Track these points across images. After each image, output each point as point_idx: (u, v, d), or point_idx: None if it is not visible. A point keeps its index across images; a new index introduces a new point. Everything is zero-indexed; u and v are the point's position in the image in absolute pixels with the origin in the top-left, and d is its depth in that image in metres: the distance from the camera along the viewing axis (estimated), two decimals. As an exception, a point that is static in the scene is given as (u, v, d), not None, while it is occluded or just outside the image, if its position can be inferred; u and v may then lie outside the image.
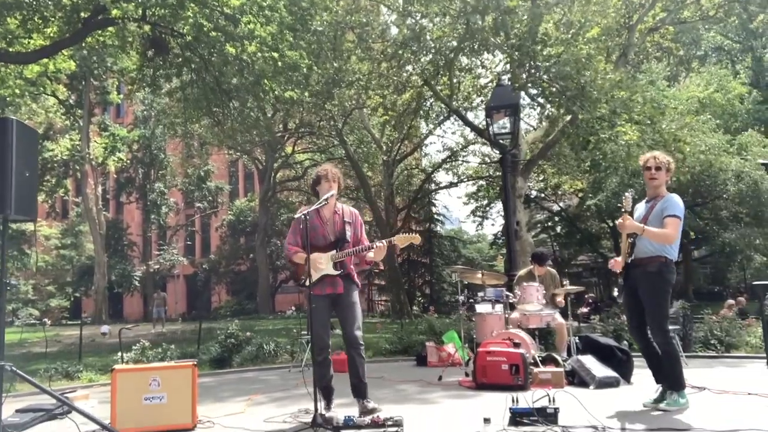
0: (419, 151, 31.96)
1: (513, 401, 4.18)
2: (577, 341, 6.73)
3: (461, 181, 30.45)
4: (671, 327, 8.14)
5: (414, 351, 9.34)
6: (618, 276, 4.91)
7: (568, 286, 7.12)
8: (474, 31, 12.25)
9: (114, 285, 36.54)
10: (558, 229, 35.39)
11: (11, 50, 13.40)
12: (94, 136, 33.14)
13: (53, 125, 31.87)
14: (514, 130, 9.32)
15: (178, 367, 4.75)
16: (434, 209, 37.93)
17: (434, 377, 6.78)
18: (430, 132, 26.96)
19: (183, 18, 12.77)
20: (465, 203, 33.80)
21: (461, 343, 7.71)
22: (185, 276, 44.05)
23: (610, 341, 6.60)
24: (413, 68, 15.25)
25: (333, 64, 14.63)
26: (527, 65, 13.21)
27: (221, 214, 42.59)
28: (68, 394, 5.62)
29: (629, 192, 4.62)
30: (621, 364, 6.09)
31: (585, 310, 20.59)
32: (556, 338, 6.97)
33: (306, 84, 14.26)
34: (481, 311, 7.08)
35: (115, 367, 4.72)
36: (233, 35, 12.21)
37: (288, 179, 34.88)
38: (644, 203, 4.87)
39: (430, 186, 32.48)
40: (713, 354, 8.77)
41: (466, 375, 6.47)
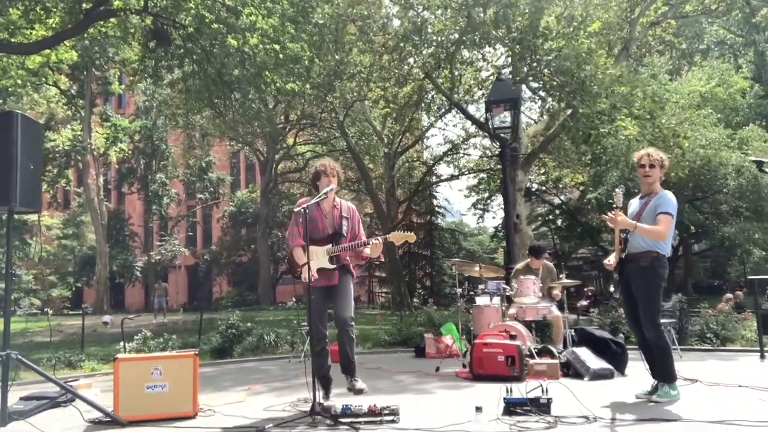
0: (420, 144, 32.00)
1: (507, 392, 4.27)
2: (573, 334, 6.82)
3: (462, 174, 30.50)
4: (668, 321, 8.27)
5: (413, 342, 9.43)
6: (613, 271, 4.98)
7: (565, 280, 7.20)
8: (475, 24, 12.27)
9: (115, 275, 36.70)
10: (559, 223, 35.40)
11: (13, 41, 13.43)
12: (96, 127, 33.19)
13: (55, 115, 31.91)
14: (514, 125, 9.36)
15: (180, 357, 4.83)
16: (435, 202, 37.98)
17: (432, 368, 6.87)
18: (432, 125, 27.00)
19: (185, 9, 12.81)
20: (466, 196, 33.85)
21: (459, 335, 7.80)
22: (187, 267, 44.20)
23: (605, 334, 6.68)
24: (414, 61, 15.28)
25: (335, 57, 14.66)
26: (528, 59, 13.24)
27: (222, 206, 42.68)
28: (71, 383, 5.72)
29: (620, 189, 4.69)
30: (615, 357, 6.18)
31: (585, 303, 20.70)
32: (553, 330, 7.06)
33: (307, 76, 14.30)
34: (479, 304, 7.16)
35: (118, 357, 4.80)
36: (235, 27, 12.24)
37: (289, 171, 34.95)
38: (638, 199, 4.95)
39: (431, 178, 32.53)
40: (708, 347, 8.85)
41: (464, 366, 6.56)
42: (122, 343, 8.51)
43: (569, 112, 14.20)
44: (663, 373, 4.70)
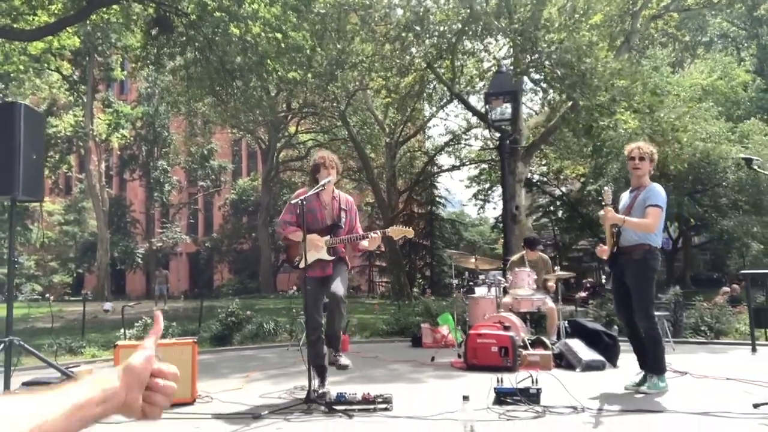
0: (422, 134, 32.00)
1: (498, 381, 4.36)
2: (566, 325, 6.91)
3: (463, 165, 30.53)
4: (663, 313, 8.36)
5: (410, 332, 9.51)
6: (606, 264, 5.07)
7: (559, 272, 7.28)
8: (477, 15, 12.27)
9: (117, 262, 36.86)
10: (559, 214, 35.46)
11: (15, 27, 13.44)
12: (98, 113, 33.21)
13: (57, 101, 31.93)
14: (513, 117, 9.41)
15: (179, 344, 4.93)
16: (436, 192, 38.02)
17: (427, 358, 6.97)
18: (433, 115, 27.00)
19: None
20: (467, 186, 33.92)
21: (454, 326, 7.90)
22: (188, 254, 44.34)
23: (598, 326, 6.77)
24: (416, 51, 15.29)
25: (336, 46, 14.66)
26: (529, 50, 13.24)
27: (224, 193, 42.76)
28: (72, 369, 5.82)
29: (608, 186, 4.78)
30: (608, 349, 6.27)
31: (583, 295, 20.81)
32: (547, 322, 7.16)
33: (309, 65, 14.32)
34: (475, 295, 7.25)
35: (118, 343, 4.90)
36: (237, 15, 12.25)
37: (291, 159, 34.97)
38: (628, 193, 5.03)
39: (433, 169, 32.56)
40: (702, 340, 8.95)
41: (459, 356, 6.65)
42: (123, 330, 8.61)
43: (570, 105, 14.22)
44: (653, 365, 4.79)
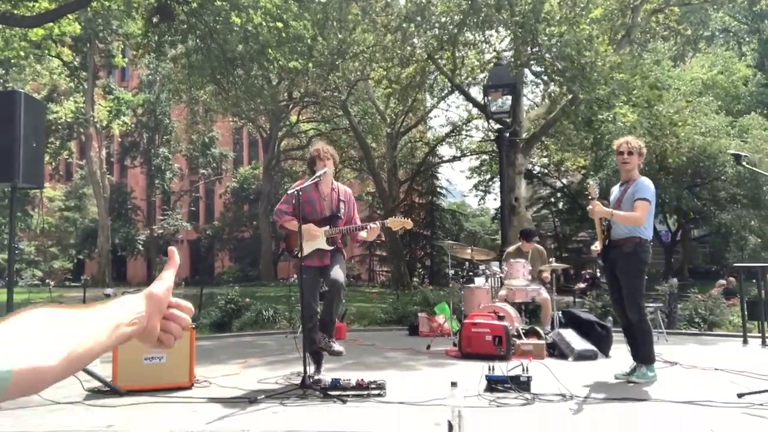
0: (424, 124, 32.00)
1: (489, 369, 4.46)
2: (561, 316, 7.00)
3: (464, 156, 30.56)
4: (657, 305, 8.45)
5: (408, 321, 9.63)
6: (597, 257, 5.15)
7: (554, 263, 7.37)
8: (478, 7, 12.28)
9: (117, 248, 36.95)
10: (560, 206, 35.52)
11: (16, 13, 13.45)
12: (99, 99, 33.18)
13: (57, 87, 31.90)
14: (512, 109, 9.46)
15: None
16: (437, 182, 38.07)
17: (423, 346, 7.07)
18: (434, 106, 26.99)
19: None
20: (468, 177, 33.97)
21: (450, 315, 7.99)
22: (189, 241, 44.44)
23: (591, 317, 6.87)
24: (417, 42, 15.28)
25: (338, 36, 14.66)
26: (530, 43, 13.25)
27: (225, 181, 42.79)
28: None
29: (594, 180, 4.86)
30: (600, 339, 6.36)
31: (582, 286, 20.91)
32: (542, 312, 7.25)
33: (310, 55, 14.33)
34: (470, 285, 7.34)
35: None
36: (238, 4, 12.26)
37: (292, 148, 34.98)
38: (618, 186, 5.10)
39: (434, 159, 32.59)
40: (696, 332, 9.05)
41: (454, 345, 6.75)
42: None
43: (570, 97, 14.25)
44: (642, 355, 4.88)
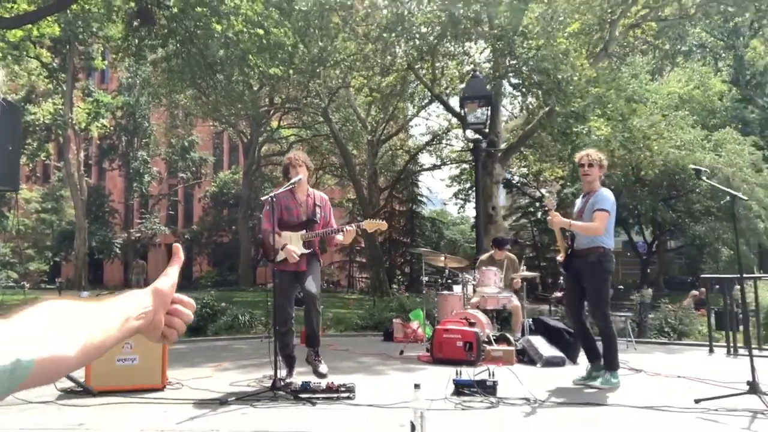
0: (404, 132, 32.20)
1: (457, 374, 4.57)
2: (531, 323, 7.15)
3: (444, 164, 30.80)
4: (627, 314, 8.65)
5: (383, 327, 9.73)
6: (560, 266, 5.30)
7: (525, 272, 7.51)
8: (457, 20, 12.47)
9: (94, 251, 36.55)
10: (539, 215, 35.93)
11: (-5, 14, 13.38)
12: (78, 101, 32.88)
13: (36, 88, 31.57)
14: (488, 121, 9.63)
15: (150, 332, 5.05)
16: (417, 190, 38.28)
17: (396, 351, 7.16)
18: (415, 114, 27.19)
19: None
20: (448, 186, 34.24)
21: (423, 321, 8.10)
22: (167, 245, 44.00)
23: (560, 324, 7.01)
24: (398, 51, 15.43)
25: (319, 43, 14.75)
26: (508, 55, 13.47)
27: (204, 186, 42.58)
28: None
29: (550, 192, 5.03)
30: (568, 346, 6.50)
31: (559, 295, 21.09)
32: (513, 319, 7.39)
33: (290, 61, 14.40)
34: (444, 292, 7.47)
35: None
36: (218, 11, 12.31)
37: (273, 153, 34.93)
38: (581, 198, 5.27)
39: (414, 167, 32.79)
40: (665, 341, 9.26)
41: (427, 350, 6.86)
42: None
43: (547, 109, 14.49)
44: (607, 362, 5.02)
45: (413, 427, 3.04)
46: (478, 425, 3.84)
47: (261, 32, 12.53)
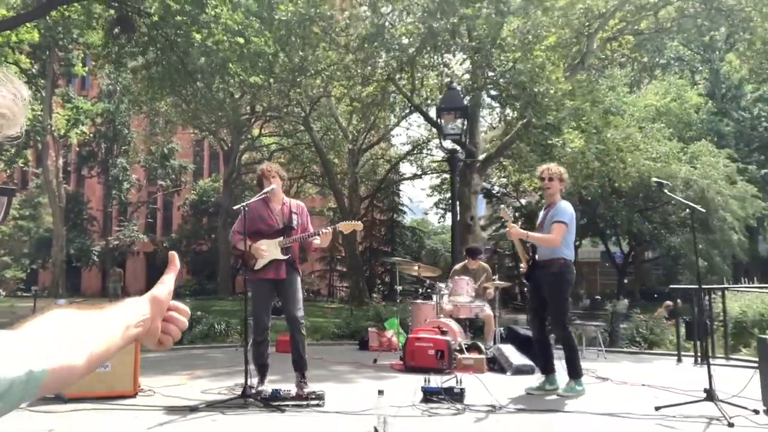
0: (386, 142, 32.37)
1: (425, 381, 4.65)
2: (502, 331, 7.26)
3: (425, 174, 31.00)
4: (599, 323, 8.82)
5: (360, 336, 9.78)
6: (522, 276, 5.44)
7: (497, 281, 7.64)
8: (435, 32, 12.64)
9: (72, 259, 36.15)
10: (519, 225, 36.17)
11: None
12: (57, 108, 32.60)
13: (15, 94, 31.23)
14: (464, 132, 9.78)
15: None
16: (398, 200, 38.45)
17: (370, 360, 7.23)
18: (396, 124, 27.37)
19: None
20: (429, 195, 34.43)
21: (398, 329, 8.19)
22: (145, 253, 43.70)
23: (530, 333, 7.12)
24: (379, 62, 15.56)
25: (299, 53, 14.83)
26: (485, 67, 13.67)
27: (184, 193, 42.34)
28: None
29: (505, 206, 5.19)
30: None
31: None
32: (485, 328, 7.50)
33: (270, 70, 14.46)
34: (417, 301, 7.57)
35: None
36: (198, 20, 12.35)
37: (254, 162, 34.83)
38: (543, 210, 5.42)
39: (395, 176, 32.95)
40: (635, 350, 9.43)
41: (400, 359, 6.93)
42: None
43: (524, 121, 14.71)
44: (570, 370, 5.14)
45: (376, 433, 3.12)
46: (443, 431, 3.92)
47: (241, 41, 12.59)
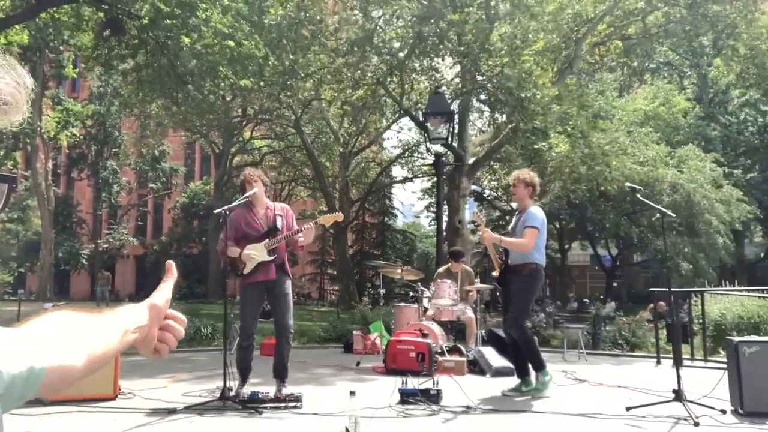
0: (377, 145, 32.47)
1: (403, 383, 4.72)
2: (483, 334, 7.35)
3: (416, 177, 31.10)
4: (581, 326, 8.92)
5: (345, 339, 9.83)
6: (494, 279, 5.54)
7: (479, 284, 7.73)
8: (424, 37, 12.74)
9: (61, 262, 36.01)
10: (508, 228, 36.32)
11: (-39, 21, 13.27)
12: (47, 110, 32.50)
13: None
14: (451, 136, 9.87)
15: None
16: (389, 203, 38.56)
17: (353, 363, 7.29)
18: (387, 127, 27.46)
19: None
20: (420, 198, 34.53)
21: (381, 332, 8.26)
22: (135, 256, 43.60)
23: (511, 336, 7.22)
24: (367, 66, 15.64)
25: (290, 56, 14.89)
26: (475, 72, 13.77)
27: (175, 196, 42.24)
28: None
29: (477, 210, 5.28)
30: (518, 357, 6.70)
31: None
32: (467, 331, 7.58)
33: (261, 73, 14.51)
34: (400, 304, 7.64)
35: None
36: (188, 24, 12.39)
37: (245, 164, 34.80)
38: (515, 216, 5.52)
39: (386, 179, 33.04)
40: (617, 353, 9.53)
41: (383, 361, 7.00)
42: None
43: (512, 125, 14.82)
44: (533, 364, 5.24)
45: (347, 433, 3.18)
46: (416, 431, 4.00)
47: (232, 44, 12.64)
